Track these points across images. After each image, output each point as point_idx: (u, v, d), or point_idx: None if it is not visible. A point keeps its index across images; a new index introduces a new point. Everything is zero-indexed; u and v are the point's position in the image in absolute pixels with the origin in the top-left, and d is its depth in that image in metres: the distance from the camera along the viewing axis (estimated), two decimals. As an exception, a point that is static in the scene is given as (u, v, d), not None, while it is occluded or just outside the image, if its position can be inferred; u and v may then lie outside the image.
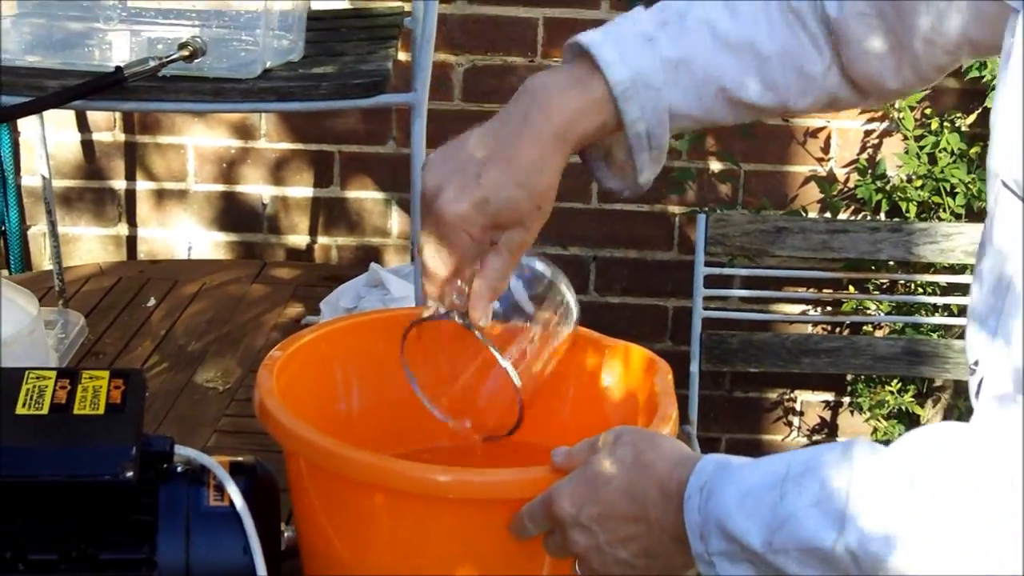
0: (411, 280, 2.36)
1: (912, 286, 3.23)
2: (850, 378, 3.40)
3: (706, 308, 2.97)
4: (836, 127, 3.29)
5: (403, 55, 2.50)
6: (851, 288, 3.31)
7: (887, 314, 3.27)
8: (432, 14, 2.02)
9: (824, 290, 3.32)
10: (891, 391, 3.28)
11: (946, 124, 3.21)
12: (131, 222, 3.35)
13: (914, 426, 2.71)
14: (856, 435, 1.22)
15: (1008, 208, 1.06)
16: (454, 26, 3.21)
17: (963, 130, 3.21)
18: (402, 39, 2.33)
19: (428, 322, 1.41)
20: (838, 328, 3.40)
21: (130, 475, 1.38)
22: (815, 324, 3.40)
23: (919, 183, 3.22)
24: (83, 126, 3.28)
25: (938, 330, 3.19)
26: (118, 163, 3.32)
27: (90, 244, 3.35)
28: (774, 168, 3.32)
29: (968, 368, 1.15)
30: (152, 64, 1.80)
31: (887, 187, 3.24)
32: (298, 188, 3.33)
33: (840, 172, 3.32)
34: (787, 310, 3.40)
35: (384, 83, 1.99)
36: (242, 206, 3.34)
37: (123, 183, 3.33)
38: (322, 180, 3.33)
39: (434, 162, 1.31)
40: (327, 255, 3.36)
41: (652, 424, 1.41)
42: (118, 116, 3.27)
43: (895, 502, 1.02)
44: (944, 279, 3.12)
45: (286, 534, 1.59)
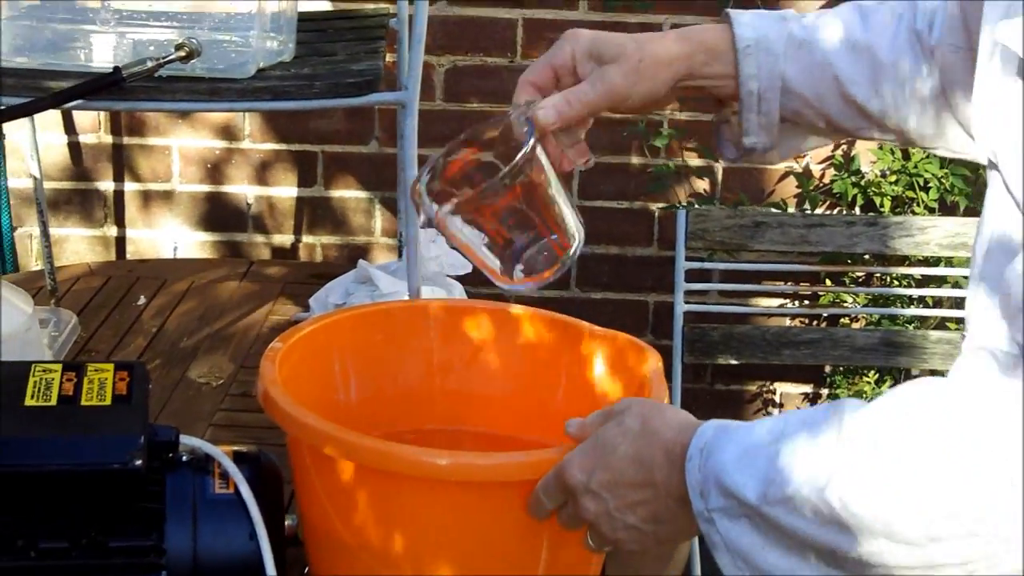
0: (399, 276, 2.39)
1: (888, 279, 3.28)
2: (828, 370, 3.45)
3: (687, 302, 3.00)
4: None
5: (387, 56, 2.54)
6: (828, 281, 3.36)
7: (864, 306, 3.31)
8: (423, 13, 2.05)
9: (802, 283, 3.37)
10: (868, 382, 3.33)
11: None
12: (118, 223, 3.38)
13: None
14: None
15: (992, 179, 1.15)
16: (435, 27, 3.24)
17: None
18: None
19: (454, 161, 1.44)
20: (816, 320, 3.45)
21: (139, 463, 1.42)
22: (793, 317, 3.44)
23: (893, 178, 3.27)
24: (69, 128, 3.31)
25: (914, 321, 3.24)
26: (104, 165, 3.34)
27: (77, 245, 3.38)
28: (751, 164, 3.36)
29: (961, 335, 1.22)
30: (150, 64, 1.83)
31: (862, 182, 3.29)
32: (282, 188, 3.36)
33: (816, 168, 3.37)
34: (766, 303, 3.44)
35: (376, 82, 2.03)
36: (227, 206, 3.37)
37: (109, 184, 3.36)
38: (306, 180, 3.36)
39: None
40: (311, 254, 3.40)
41: (646, 409, 1.45)
42: (104, 118, 3.30)
43: (876, 453, 1.07)
44: (919, 271, 3.16)
45: (287, 522, 1.62)
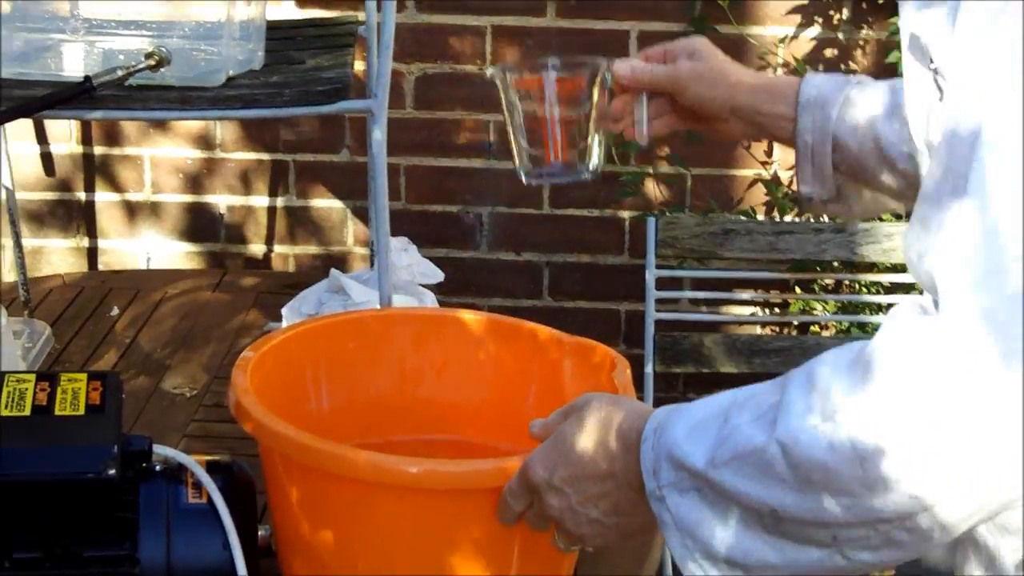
0: (371, 285, 2.40)
1: (856, 286, 3.30)
2: (799, 377, 3.46)
3: (658, 311, 3.01)
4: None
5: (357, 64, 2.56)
6: (798, 289, 3.38)
7: (833, 314, 3.33)
8: (390, 20, 2.06)
9: (772, 291, 3.39)
10: (839, 389, 3.34)
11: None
12: (92, 234, 3.38)
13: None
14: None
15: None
16: (404, 35, 3.26)
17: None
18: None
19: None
20: (786, 328, 3.47)
21: (112, 473, 1.43)
22: (764, 325, 3.46)
23: (862, 185, 3.29)
24: (41, 138, 3.31)
25: (883, 328, 3.25)
26: (77, 175, 3.35)
27: (51, 256, 3.38)
28: (720, 172, 3.39)
29: None
30: (120, 73, 1.84)
31: (831, 189, 3.31)
32: (255, 197, 3.37)
33: (784, 175, 3.39)
34: (737, 311, 3.47)
35: (346, 89, 2.04)
36: (200, 216, 3.38)
37: (82, 195, 3.36)
38: (278, 189, 3.37)
39: None
40: (285, 263, 3.41)
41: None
42: (76, 128, 3.31)
43: (816, 401, 1.08)
44: (887, 278, 3.18)
45: (261, 532, 1.63)
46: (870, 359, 1.06)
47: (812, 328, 3.42)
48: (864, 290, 3.28)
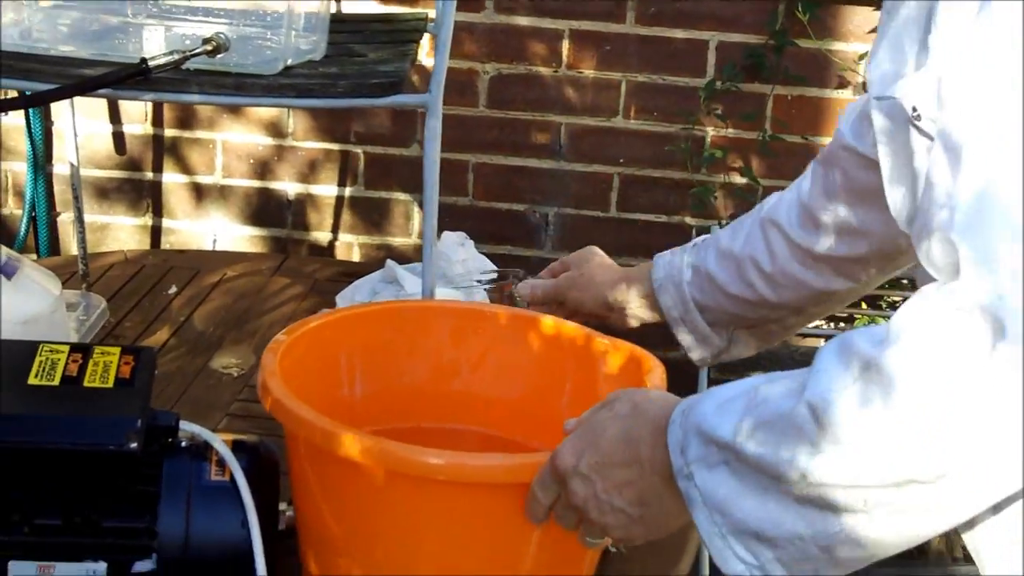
0: (426, 277, 2.40)
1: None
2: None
3: (718, 319, 3.00)
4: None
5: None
6: (863, 304, 3.35)
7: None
8: (449, 17, 2.07)
9: (837, 306, 3.36)
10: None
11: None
12: (159, 213, 3.42)
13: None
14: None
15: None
16: (481, 34, 3.27)
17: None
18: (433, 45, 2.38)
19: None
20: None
21: (134, 446, 1.44)
22: (827, 338, 3.43)
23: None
24: (115, 118, 3.35)
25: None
26: (148, 155, 3.39)
27: (119, 233, 3.42)
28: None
29: None
30: (176, 57, 1.86)
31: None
32: (323, 186, 3.39)
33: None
34: (800, 325, 3.43)
35: (400, 84, 2.04)
36: (268, 202, 3.41)
37: (151, 175, 3.40)
38: (347, 179, 3.39)
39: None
40: (349, 252, 3.42)
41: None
42: (150, 109, 3.34)
43: (849, 361, 1.08)
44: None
45: (288, 513, 1.64)
46: (901, 325, 1.06)
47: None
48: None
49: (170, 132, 3.37)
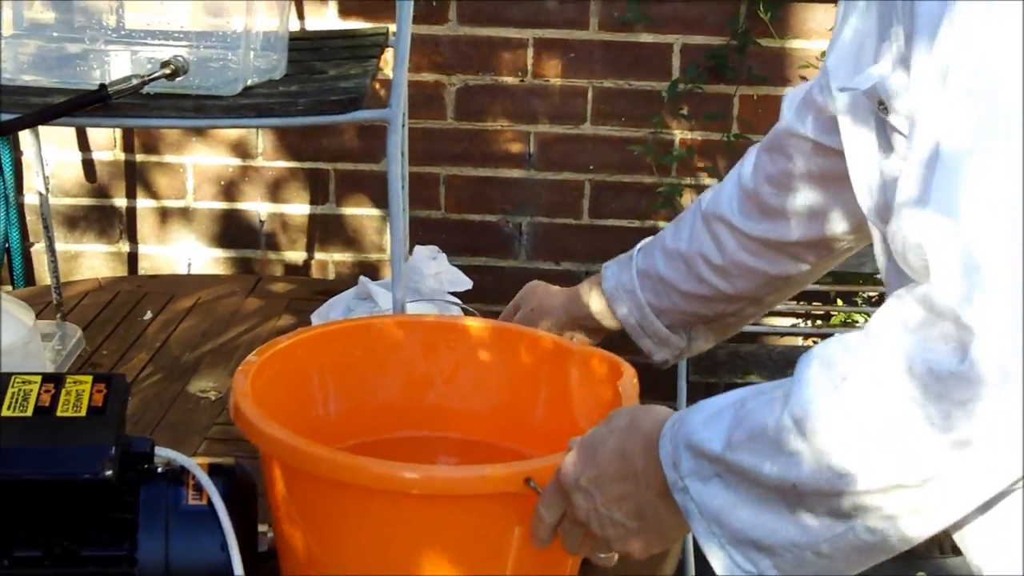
0: (399, 292, 2.41)
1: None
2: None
3: (694, 320, 3.01)
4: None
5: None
6: (839, 301, 3.36)
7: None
8: (406, 30, 2.07)
9: (814, 303, 3.37)
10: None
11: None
12: (132, 239, 3.42)
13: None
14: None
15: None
16: (446, 46, 3.28)
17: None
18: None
19: None
20: (827, 340, 3.44)
21: (109, 473, 1.44)
22: (806, 336, 3.44)
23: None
24: (84, 145, 3.35)
25: (924, 341, 3.22)
26: (119, 182, 3.38)
27: (92, 261, 3.42)
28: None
29: None
30: (135, 82, 1.86)
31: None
32: (294, 205, 3.40)
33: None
34: (778, 323, 3.45)
35: (360, 99, 2.04)
36: (240, 223, 3.41)
37: (124, 201, 3.40)
38: (318, 197, 3.39)
39: None
40: (324, 271, 3.43)
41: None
42: (118, 135, 3.34)
43: (826, 379, 1.10)
44: (928, 291, 3.15)
45: (269, 535, 1.64)
46: (876, 330, 1.08)
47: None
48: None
49: (140, 157, 3.37)
